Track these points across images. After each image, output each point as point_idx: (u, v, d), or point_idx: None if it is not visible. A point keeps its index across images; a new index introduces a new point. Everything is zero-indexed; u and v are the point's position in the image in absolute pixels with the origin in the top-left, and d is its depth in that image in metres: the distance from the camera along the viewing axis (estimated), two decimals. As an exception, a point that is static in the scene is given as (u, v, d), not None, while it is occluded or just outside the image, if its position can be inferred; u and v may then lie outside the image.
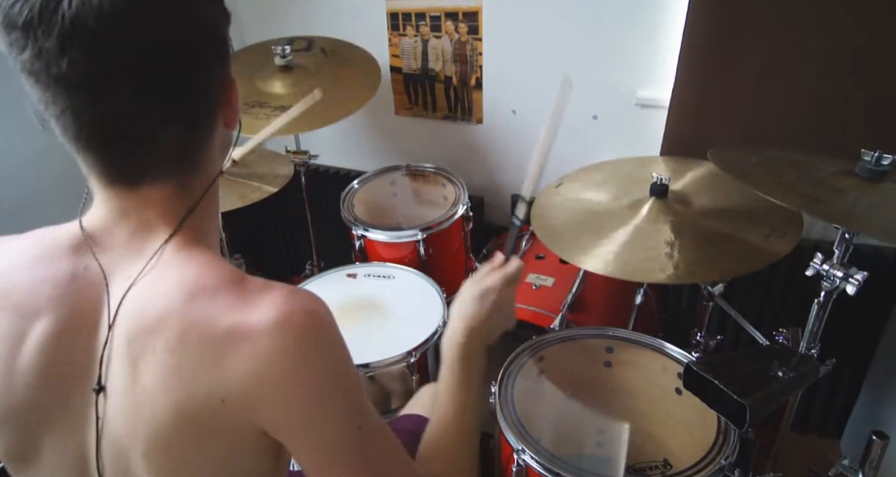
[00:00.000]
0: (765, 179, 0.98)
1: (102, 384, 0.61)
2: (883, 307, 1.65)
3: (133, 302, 0.61)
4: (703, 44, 1.46)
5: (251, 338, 0.57)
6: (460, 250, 1.86)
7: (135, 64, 0.54)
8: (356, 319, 1.49)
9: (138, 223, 0.63)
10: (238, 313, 0.58)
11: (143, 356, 0.58)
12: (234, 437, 0.60)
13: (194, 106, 0.61)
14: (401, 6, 1.95)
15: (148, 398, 0.58)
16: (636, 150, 1.83)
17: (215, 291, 0.59)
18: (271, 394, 0.58)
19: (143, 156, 0.60)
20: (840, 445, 1.87)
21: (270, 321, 0.57)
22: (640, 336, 1.37)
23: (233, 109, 0.66)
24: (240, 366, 0.57)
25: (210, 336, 0.57)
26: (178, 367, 0.57)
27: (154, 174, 0.62)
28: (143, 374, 0.58)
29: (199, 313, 0.58)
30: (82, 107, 0.56)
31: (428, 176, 1.99)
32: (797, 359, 1.05)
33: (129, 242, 0.63)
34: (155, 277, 0.61)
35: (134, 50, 0.54)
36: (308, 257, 2.15)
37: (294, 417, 0.59)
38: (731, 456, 1.07)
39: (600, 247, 1.23)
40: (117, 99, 0.56)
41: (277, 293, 0.60)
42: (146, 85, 0.56)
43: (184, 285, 0.59)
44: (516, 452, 1.10)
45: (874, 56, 1.34)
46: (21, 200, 1.83)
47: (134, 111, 0.57)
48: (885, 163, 0.97)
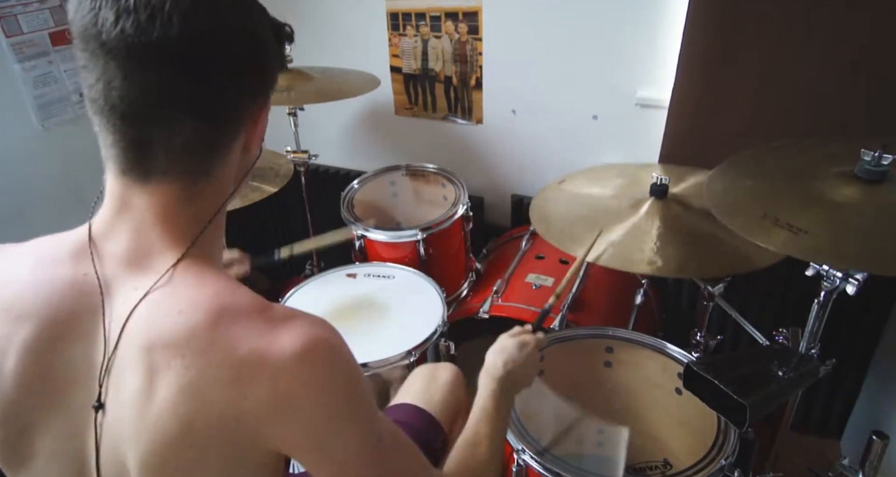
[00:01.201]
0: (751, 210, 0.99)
1: (102, 401, 0.62)
2: (883, 307, 1.65)
3: (145, 315, 0.61)
4: (703, 44, 1.46)
5: (273, 364, 0.58)
6: (460, 250, 1.86)
7: (172, 47, 0.56)
8: (356, 319, 1.49)
9: (137, 226, 0.63)
10: (262, 339, 0.59)
11: (159, 370, 0.59)
12: (239, 452, 0.61)
13: (217, 106, 0.61)
14: (401, 6, 1.95)
15: (158, 409, 0.58)
16: (636, 150, 1.83)
17: (239, 314, 0.60)
18: (291, 418, 0.59)
19: (155, 140, 0.60)
20: (840, 445, 1.87)
21: (295, 349, 0.59)
22: (640, 336, 1.37)
23: (257, 131, 0.67)
24: (260, 390, 0.58)
25: (231, 358, 0.58)
26: (196, 384, 0.58)
27: (163, 168, 0.61)
28: (157, 386, 0.59)
29: (221, 335, 0.59)
30: (111, 79, 0.57)
31: (428, 176, 2.00)
32: (797, 359, 1.05)
33: (130, 249, 0.63)
34: (167, 292, 0.61)
35: (177, 33, 0.55)
36: (308, 257, 2.15)
37: (314, 439, 0.61)
38: (731, 456, 1.07)
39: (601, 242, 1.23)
40: (146, 77, 0.57)
41: (300, 322, 0.61)
42: (175, 70, 0.57)
43: (203, 305, 0.60)
44: (516, 452, 1.10)
45: (874, 56, 1.34)
46: (21, 200, 1.83)
47: (157, 91, 0.58)
48: (885, 163, 0.97)
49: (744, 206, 1.02)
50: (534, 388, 1.31)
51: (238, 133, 0.65)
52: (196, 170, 0.63)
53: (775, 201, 1.00)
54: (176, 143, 0.60)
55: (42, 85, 1.80)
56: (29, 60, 1.76)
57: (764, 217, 0.96)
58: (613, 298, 1.72)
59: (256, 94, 0.65)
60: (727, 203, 1.04)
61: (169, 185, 0.62)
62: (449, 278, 1.78)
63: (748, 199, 1.04)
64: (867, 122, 1.40)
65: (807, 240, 0.90)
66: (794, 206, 0.98)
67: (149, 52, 0.55)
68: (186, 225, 0.64)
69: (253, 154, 0.69)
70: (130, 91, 0.57)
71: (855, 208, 0.95)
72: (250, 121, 0.65)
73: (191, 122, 0.60)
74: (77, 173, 1.93)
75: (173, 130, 0.60)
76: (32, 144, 1.83)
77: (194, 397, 0.58)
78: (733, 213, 1.00)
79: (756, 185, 1.07)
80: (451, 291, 1.80)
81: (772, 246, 0.90)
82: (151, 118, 0.59)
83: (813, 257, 0.92)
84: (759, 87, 1.46)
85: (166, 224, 0.63)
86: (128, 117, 0.59)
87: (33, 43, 1.77)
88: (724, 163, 1.15)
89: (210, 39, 0.57)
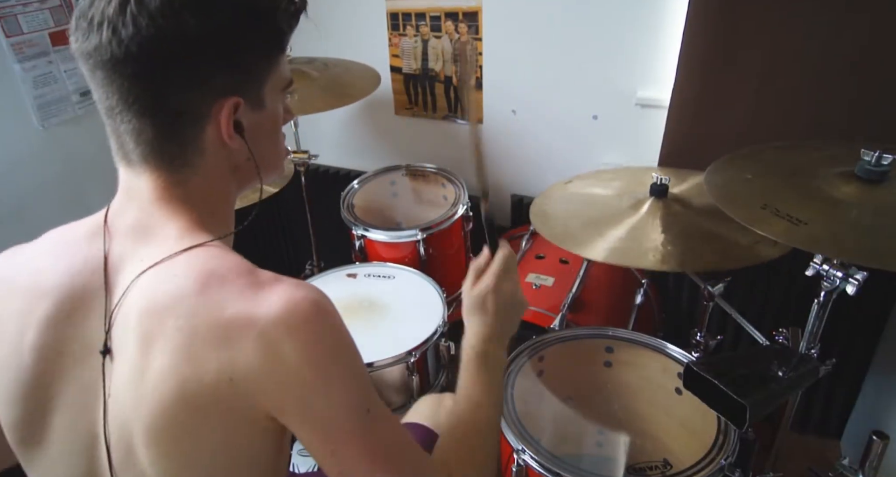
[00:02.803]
0: (751, 201, 0.99)
1: (108, 347, 0.65)
2: (883, 307, 1.65)
3: (146, 283, 0.64)
4: (703, 44, 1.46)
5: (259, 324, 0.60)
6: (460, 250, 1.86)
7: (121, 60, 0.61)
8: (356, 319, 1.49)
9: (140, 206, 0.68)
10: (248, 301, 0.61)
11: (155, 335, 0.61)
12: (237, 418, 0.62)
13: (165, 105, 0.65)
14: (401, 6, 1.95)
15: (155, 375, 0.61)
16: (636, 150, 1.83)
17: (225, 278, 0.63)
18: (278, 377, 0.60)
19: (125, 133, 0.66)
20: (840, 445, 1.87)
21: (278, 309, 0.60)
22: (640, 336, 1.37)
23: (221, 129, 0.67)
24: (248, 350, 0.59)
25: (219, 319, 0.60)
26: (188, 346, 0.60)
27: (142, 157, 0.67)
28: (154, 352, 0.61)
29: (209, 298, 0.61)
30: (90, 76, 0.65)
31: (428, 176, 2.00)
32: (797, 359, 1.05)
33: (135, 225, 0.68)
34: (165, 261, 0.65)
35: (122, 50, 0.60)
36: (308, 257, 2.15)
37: (301, 401, 0.61)
38: (731, 456, 1.07)
39: (598, 239, 1.24)
40: (105, 83, 0.64)
41: (285, 285, 0.63)
42: (125, 77, 0.63)
43: (194, 271, 0.63)
44: (516, 452, 1.10)
45: (874, 56, 1.34)
46: (21, 200, 1.83)
47: (114, 95, 0.64)
48: (885, 163, 0.97)
49: (744, 197, 1.02)
50: (534, 388, 1.31)
51: (199, 128, 0.66)
52: (173, 160, 0.67)
53: (775, 195, 1.01)
54: (143, 137, 0.66)
55: (42, 85, 1.80)
56: (29, 60, 1.76)
57: (764, 207, 0.96)
58: (613, 298, 1.72)
59: (211, 91, 0.65)
60: (728, 194, 1.04)
61: (152, 172, 0.68)
62: (449, 278, 1.78)
63: (748, 192, 1.04)
64: (867, 123, 1.40)
65: (806, 230, 0.90)
66: (793, 200, 0.98)
67: (106, 65, 0.62)
68: (182, 204, 0.68)
69: (232, 148, 0.69)
70: (97, 94, 0.66)
71: (854, 205, 0.96)
72: (209, 115, 0.66)
73: (147, 120, 0.65)
74: (77, 173, 1.93)
75: (136, 126, 0.65)
76: (32, 144, 1.83)
77: (187, 360, 0.60)
78: (734, 204, 1.00)
79: (755, 180, 1.07)
80: (451, 291, 1.80)
81: (772, 235, 0.90)
82: (117, 117, 0.65)
83: (812, 247, 0.91)
84: (759, 87, 1.46)
85: (163, 202, 0.68)
86: (105, 115, 0.67)
87: (33, 43, 1.77)
88: (722, 158, 1.15)
89: (144, 53, 0.61)
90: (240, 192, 0.76)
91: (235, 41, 0.65)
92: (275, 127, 0.75)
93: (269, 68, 0.69)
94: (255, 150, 0.71)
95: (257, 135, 0.71)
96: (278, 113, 0.74)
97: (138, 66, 0.61)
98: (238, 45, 0.65)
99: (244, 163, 0.72)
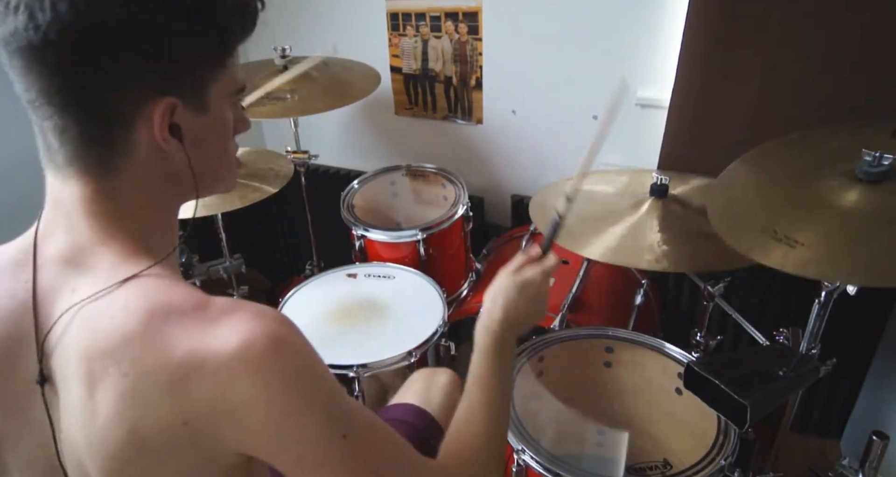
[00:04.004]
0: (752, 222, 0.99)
1: (45, 375, 0.61)
2: (883, 307, 1.65)
3: (83, 321, 0.59)
4: (703, 44, 1.46)
5: (211, 364, 0.55)
6: (460, 250, 1.86)
7: (34, 50, 0.56)
8: (356, 319, 1.49)
9: (69, 224, 0.62)
10: (198, 338, 0.56)
11: (100, 379, 0.57)
12: (200, 456, 0.59)
13: (83, 103, 0.59)
14: (401, 6, 1.95)
15: (104, 419, 0.57)
16: (636, 150, 1.83)
17: (171, 313, 0.58)
18: (238, 419, 0.56)
19: (48, 131, 0.61)
20: (840, 445, 1.87)
21: (231, 346, 0.55)
22: (640, 336, 1.37)
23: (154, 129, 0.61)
24: (201, 391, 0.55)
25: (168, 361, 0.55)
26: (134, 391, 0.56)
27: (67, 159, 0.61)
28: (99, 395, 0.57)
29: (155, 338, 0.56)
30: (9, 66, 0.59)
31: (428, 176, 1.99)
32: (797, 359, 1.05)
33: (66, 250, 0.62)
34: (102, 295, 0.59)
35: (37, 38, 0.55)
36: (308, 257, 2.15)
37: (267, 439, 0.58)
38: (731, 456, 1.07)
39: (596, 237, 1.25)
40: (23, 75, 0.58)
41: (239, 317, 0.58)
42: (41, 70, 0.57)
43: (135, 307, 0.58)
44: (516, 452, 1.10)
45: (875, 56, 1.34)
46: (21, 201, 1.83)
47: (33, 88, 0.58)
48: (886, 163, 0.97)
49: (743, 219, 1.02)
50: (534, 388, 1.31)
51: (129, 128, 0.60)
52: (99, 164, 0.61)
53: (776, 210, 1.00)
54: (67, 136, 0.60)
55: (42, 85, 1.80)
56: (29, 60, 1.76)
57: (763, 230, 0.95)
58: (613, 298, 1.72)
59: (141, 89, 0.59)
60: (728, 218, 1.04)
61: (80, 177, 0.61)
62: (449, 278, 1.78)
63: (749, 211, 1.03)
64: (868, 123, 1.40)
65: (803, 253, 0.89)
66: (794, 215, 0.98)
67: (24, 53, 0.57)
68: (114, 221, 0.62)
69: (168, 152, 0.62)
70: (18, 86, 0.60)
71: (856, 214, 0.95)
72: (140, 115, 0.60)
73: (71, 117, 0.59)
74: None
75: (58, 123, 0.60)
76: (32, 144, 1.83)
77: (136, 405, 0.56)
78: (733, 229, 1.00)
79: (758, 194, 1.07)
80: (451, 291, 1.80)
81: (769, 262, 0.89)
82: (38, 111, 0.60)
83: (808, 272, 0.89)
84: (759, 87, 1.46)
85: (93, 217, 0.62)
86: (28, 107, 0.61)
87: (33, 43, 1.77)
88: (728, 167, 1.15)
89: (64, 41, 0.56)
90: (182, 203, 0.70)
91: (169, 36, 0.58)
92: (222, 134, 0.68)
93: (212, 69, 0.63)
94: (195, 158, 0.65)
95: (199, 141, 0.65)
96: (227, 119, 0.68)
97: (58, 55, 0.56)
98: (173, 41, 0.59)
99: (184, 170, 0.65)
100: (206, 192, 0.69)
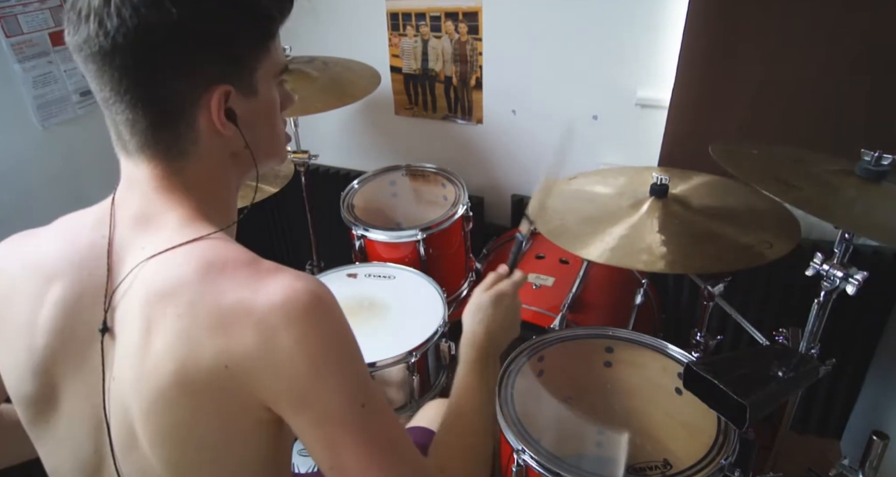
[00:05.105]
0: (761, 173, 1.02)
1: (108, 326, 0.67)
2: (883, 307, 1.65)
3: (149, 272, 0.66)
4: (703, 44, 1.46)
5: (257, 313, 0.60)
6: (460, 250, 1.86)
7: (106, 51, 0.62)
8: (356, 319, 1.49)
9: (142, 194, 0.69)
10: (247, 290, 0.62)
11: (156, 320, 0.63)
12: (232, 406, 0.63)
13: (151, 94, 0.65)
14: (401, 6, 1.95)
15: (155, 358, 0.62)
16: (636, 150, 1.83)
17: (226, 267, 0.64)
18: (274, 366, 0.61)
19: (121, 124, 0.67)
20: (840, 445, 1.87)
21: (277, 299, 0.61)
22: (640, 336, 1.37)
23: (213, 117, 0.67)
24: (245, 337, 0.60)
25: (218, 307, 0.61)
26: (186, 331, 0.61)
27: (138, 146, 0.68)
28: (154, 336, 0.62)
29: (209, 286, 0.62)
30: (84, 69, 0.66)
31: (428, 176, 2.00)
32: (797, 359, 1.05)
33: (137, 214, 0.69)
34: (168, 250, 0.66)
35: (108, 41, 0.61)
36: (308, 257, 2.15)
37: (296, 391, 0.62)
38: (731, 456, 1.07)
39: (595, 237, 1.24)
40: (98, 75, 0.64)
41: (286, 274, 0.64)
42: (113, 69, 0.63)
43: (195, 259, 0.64)
44: (516, 452, 1.10)
45: (875, 56, 1.34)
46: (21, 200, 1.83)
47: (107, 86, 0.64)
48: (885, 163, 0.97)
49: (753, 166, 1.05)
50: (534, 388, 1.31)
51: (191, 117, 0.66)
52: (168, 149, 0.68)
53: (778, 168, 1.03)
54: (138, 128, 0.66)
55: (42, 85, 1.80)
56: (29, 60, 1.76)
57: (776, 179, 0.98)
58: (613, 298, 1.72)
59: (200, 80, 0.65)
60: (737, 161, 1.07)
61: (149, 161, 0.68)
62: (449, 278, 1.78)
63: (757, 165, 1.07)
64: (868, 123, 1.40)
65: (798, 194, 0.93)
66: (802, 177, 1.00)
67: (96, 57, 0.63)
68: (182, 192, 0.69)
69: (227, 136, 0.68)
70: (93, 86, 0.66)
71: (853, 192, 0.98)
72: (199, 104, 0.66)
73: (140, 111, 0.65)
74: (77, 173, 1.93)
75: (129, 117, 0.66)
76: (32, 144, 1.83)
77: (186, 345, 0.61)
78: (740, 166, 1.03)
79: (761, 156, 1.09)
80: (451, 291, 1.80)
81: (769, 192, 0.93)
82: (111, 108, 0.66)
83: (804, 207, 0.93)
84: (759, 87, 1.46)
85: (162, 191, 0.69)
86: (102, 106, 0.67)
87: (33, 43, 1.77)
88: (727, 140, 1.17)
89: (130, 44, 0.61)
90: (242, 179, 0.77)
91: (221, 29, 0.64)
92: (271, 113, 0.74)
93: (259, 55, 0.69)
94: (250, 138, 0.71)
95: (252, 122, 0.71)
96: (274, 99, 0.74)
97: (126, 57, 0.62)
98: (224, 33, 0.65)
99: (242, 150, 0.72)
100: (263, 167, 0.76)
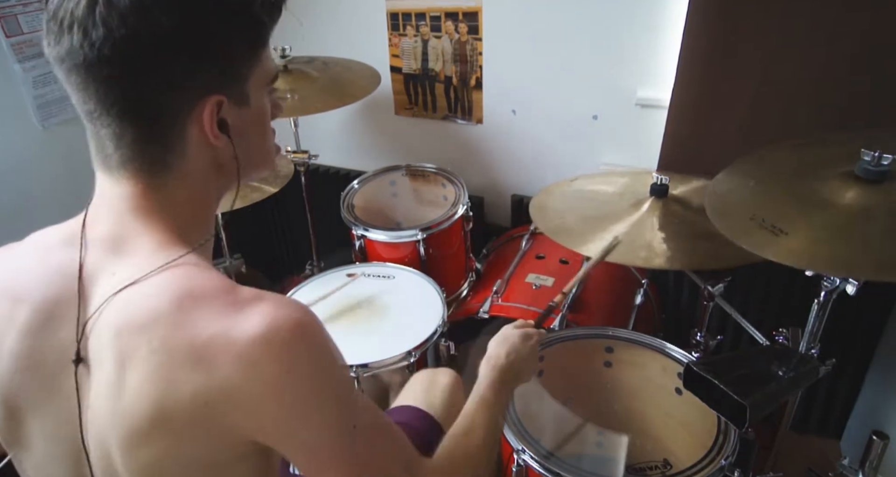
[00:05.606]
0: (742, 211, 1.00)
1: (81, 356, 0.63)
2: (883, 307, 1.65)
3: (121, 301, 0.62)
4: (703, 44, 1.46)
5: (237, 346, 0.57)
6: (460, 250, 1.86)
7: (91, 64, 0.59)
8: (356, 319, 1.49)
9: (117, 214, 0.66)
10: (226, 320, 0.59)
11: (129, 355, 0.59)
12: (216, 442, 0.60)
13: (141, 107, 0.62)
14: (401, 6, 1.95)
15: (131, 394, 0.59)
16: (636, 150, 1.83)
17: (202, 297, 0.60)
18: (258, 402, 0.58)
19: (106, 138, 0.64)
20: (840, 445, 1.87)
21: (258, 330, 0.58)
22: (640, 336, 1.37)
23: (205, 128, 0.65)
24: (224, 372, 0.57)
25: (195, 341, 0.58)
26: (162, 368, 0.58)
27: (121, 161, 0.64)
28: (129, 371, 0.59)
29: (185, 318, 0.59)
30: (65, 80, 0.62)
31: (428, 176, 2.00)
32: (797, 359, 1.04)
33: (110, 236, 0.66)
34: (140, 278, 0.62)
35: (93, 53, 0.58)
36: (308, 257, 2.15)
37: (282, 423, 0.60)
38: (731, 456, 1.07)
39: (595, 235, 1.25)
40: (82, 87, 0.61)
41: (266, 304, 0.60)
42: (97, 80, 0.60)
43: (171, 289, 0.61)
44: (516, 452, 1.11)
45: (875, 56, 1.34)
46: (21, 200, 1.83)
47: (92, 98, 0.61)
48: (885, 163, 0.97)
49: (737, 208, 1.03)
50: (534, 388, 1.31)
51: (182, 128, 0.64)
52: (152, 163, 0.65)
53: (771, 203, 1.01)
54: (123, 141, 0.63)
55: (42, 85, 1.80)
56: (29, 60, 1.76)
57: (752, 218, 0.96)
58: (613, 298, 1.72)
59: (191, 91, 0.63)
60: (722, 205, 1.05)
61: (131, 177, 0.65)
62: (449, 278, 1.78)
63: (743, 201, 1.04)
64: (868, 123, 1.40)
65: (785, 241, 0.90)
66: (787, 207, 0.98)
67: (80, 69, 0.60)
68: (158, 214, 0.66)
69: (217, 147, 0.66)
70: (75, 98, 0.63)
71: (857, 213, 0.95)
72: (191, 115, 0.63)
73: (128, 124, 0.62)
74: (77, 173, 1.93)
75: (116, 130, 0.63)
76: (32, 144, 1.83)
77: (162, 382, 0.58)
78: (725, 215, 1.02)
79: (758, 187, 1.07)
80: (451, 291, 1.80)
81: (749, 246, 0.91)
82: (96, 121, 0.63)
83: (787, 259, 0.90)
84: (759, 87, 1.46)
85: (139, 212, 0.65)
86: (85, 119, 0.64)
87: (33, 43, 1.77)
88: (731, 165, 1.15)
89: (117, 55, 0.58)
90: (225, 191, 0.73)
91: (212, 38, 0.62)
92: (262, 123, 0.72)
93: (251, 63, 0.66)
94: (240, 148, 0.68)
95: (243, 132, 0.69)
96: (265, 108, 0.72)
97: (113, 68, 0.59)
98: (216, 42, 0.62)
99: (229, 161, 0.69)
100: (247, 179, 0.73)
